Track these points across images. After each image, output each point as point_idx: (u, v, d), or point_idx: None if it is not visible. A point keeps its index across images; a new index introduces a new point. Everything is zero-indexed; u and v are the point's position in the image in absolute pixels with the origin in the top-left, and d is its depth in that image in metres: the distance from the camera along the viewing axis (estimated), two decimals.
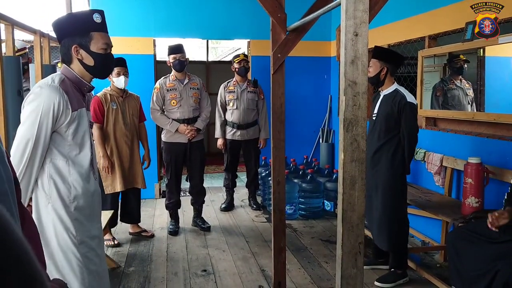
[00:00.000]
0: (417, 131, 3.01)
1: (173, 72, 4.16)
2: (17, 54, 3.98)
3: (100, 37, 1.87)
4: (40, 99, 1.75)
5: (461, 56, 3.57)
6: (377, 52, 3.12)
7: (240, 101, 4.81)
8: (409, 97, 2.99)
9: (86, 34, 1.84)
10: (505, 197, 2.48)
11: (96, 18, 1.86)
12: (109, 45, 1.90)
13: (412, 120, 2.97)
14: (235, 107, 4.83)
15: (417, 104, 3.05)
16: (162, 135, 4.25)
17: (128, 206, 4.01)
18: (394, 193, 3.02)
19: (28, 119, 1.74)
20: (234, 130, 4.85)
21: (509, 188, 2.49)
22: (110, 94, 3.79)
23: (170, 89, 4.11)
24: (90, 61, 1.86)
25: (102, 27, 1.89)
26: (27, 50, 3.90)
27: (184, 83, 4.13)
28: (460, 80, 3.63)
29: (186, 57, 4.16)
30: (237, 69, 4.81)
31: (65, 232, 1.81)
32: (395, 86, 3.08)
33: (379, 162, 3.05)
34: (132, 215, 4.05)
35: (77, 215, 1.84)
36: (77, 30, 1.84)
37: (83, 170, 1.86)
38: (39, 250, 1.04)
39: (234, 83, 4.89)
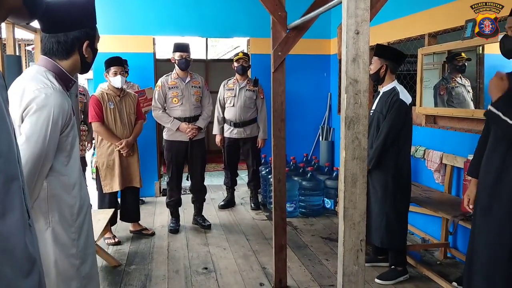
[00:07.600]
0: (396, 128, 2.94)
1: (176, 70, 4.16)
2: None
3: (97, 29, 1.65)
4: (48, 109, 1.46)
5: (463, 54, 3.57)
6: (378, 50, 3.13)
7: (237, 98, 4.82)
8: (402, 95, 2.98)
9: (95, 28, 1.61)
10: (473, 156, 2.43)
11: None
12: None
13: (395, 115, 2.94)
14: (231, 105, 4.84)
15: (410, 104, 3.00)
16: (163, 133, 4.25)
17: (126, 205, 4.02)
18: (388, 190, 3.03)
19: (35, 133, 1.45)
20: (232, 128, 4.87)
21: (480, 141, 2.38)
22: (107, 93, 3.79)
23: (172, 87, 4.11)
24: (90, 59, 1.63)
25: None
26: None
27: (186, 82, 4.13)
28: (460, 77, 3.64)
29: (191, 57, 4.16)
30: (235, 68, 4.83)
31: (65, 259, 1.58)
32: (394, 83, 3.08)
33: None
34: (130, 214, 4.05)
35: (79, 233, 1.61)
36: (89, 22, 1.58)
37: (77, 178, 1.61)
38: None
39: (234, 81, 4.90)
